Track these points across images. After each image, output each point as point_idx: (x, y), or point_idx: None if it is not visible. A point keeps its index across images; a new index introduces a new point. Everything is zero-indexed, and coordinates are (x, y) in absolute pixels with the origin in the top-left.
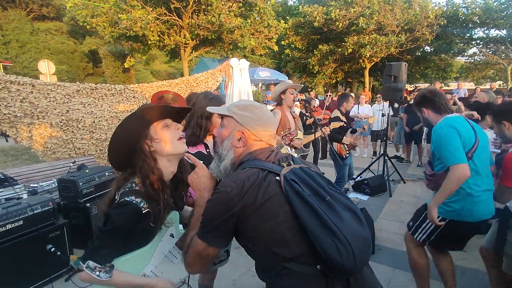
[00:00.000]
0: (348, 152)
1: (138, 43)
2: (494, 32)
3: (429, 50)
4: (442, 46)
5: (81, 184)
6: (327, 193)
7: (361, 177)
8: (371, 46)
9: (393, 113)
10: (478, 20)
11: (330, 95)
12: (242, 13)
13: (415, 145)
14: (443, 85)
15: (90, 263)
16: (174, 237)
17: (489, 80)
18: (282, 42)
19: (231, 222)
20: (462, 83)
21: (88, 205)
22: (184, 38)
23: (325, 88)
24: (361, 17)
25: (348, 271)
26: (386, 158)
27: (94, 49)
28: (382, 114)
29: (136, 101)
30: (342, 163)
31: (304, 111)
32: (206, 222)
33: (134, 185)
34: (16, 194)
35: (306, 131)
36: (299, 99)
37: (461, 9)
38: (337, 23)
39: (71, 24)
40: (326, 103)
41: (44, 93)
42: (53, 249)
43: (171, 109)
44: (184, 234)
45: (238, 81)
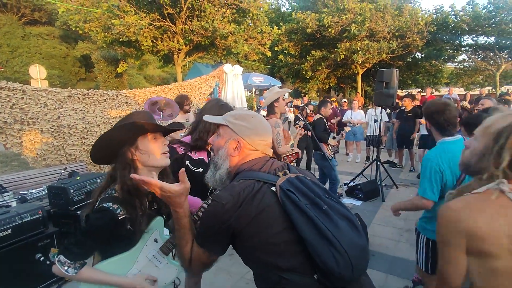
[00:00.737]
0: (333, 153)
1: (131, 48)
2: (482, 39)
3: (419, 56)
4: (433, 52)
5: (72, 191)
6: (324, 202)
7: (354, 182)
8: (363, 52)
9: (387, 118)
10: (467, 27)
11: (333, 99)
12: (236, 19)
13: (407, 150)
14: (434, 90)
15: (61, 258)
16: (158, 242)
17: (478, 85)
18: (275, 48)
19: (227, 232)
20: (452, 89)
21: (79, 213)
22: (177, 43)
23: (318, 93)
24: (353, 23)
25: (345, 280)
26: (378, 163)
27: (86, 54)
28: (375, 120)
29: (128, 106)
30: (330, 164)
31: (299, 116)
32: (203, 231)
33: (113, 191)
34: (4, 202)
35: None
36: (293, 105)
37: (450, 16)
38: (329, 30)
39: (63, 28)
40: (330, 110)
41: (34, 99)
42: (42, 258)
43: (164, 128)
44: (168, 240)
45: (232, 86)
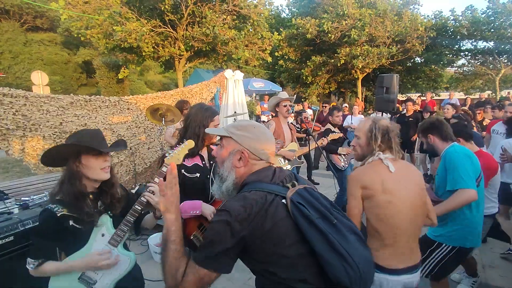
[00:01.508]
0: (346, 162)
1: (133, 55)
2: (482, 43)
3: (419, 61)
4: (432, 57)
5: None
6: (333, 215)
7: None
8: (363, 57)
9: None
10: (466, 32)
11: (326, 106)
12: (236, 25)
13: (408, 154)
14: (434, 95)
15: (28, 259)
16: (104, 236)
17: (478, 90)
18: (276, 53)
19: (238, 246)
20: (453, 93)
21: None
22: (178, 49)
23: (318, 98)
24: (353, 29)
25: None
26: None
27: (88, 60)
28: None
29: (130, 112)
30: (337, 175)
31: (295, 123)
32: (210, 249)
33: (59, 196)
34: (6, 209)
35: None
36: (296, 111)
37: (450, 21)
38: (329, 35)
39: (65, 35)
40: (324, 114)
41: (37, 105)
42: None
43: (97, 150)
44: (115, 233)
45: (233, 92)
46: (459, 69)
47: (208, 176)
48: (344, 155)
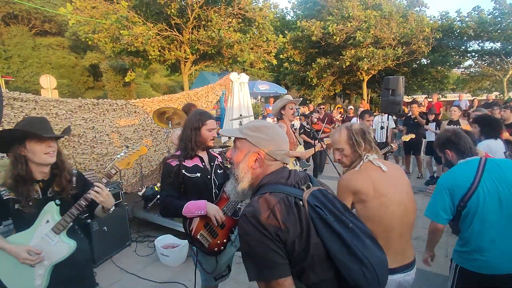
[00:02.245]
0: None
1: (139, 58)
2: (488, 44)
3: (425, 63)
4: (438, 58)
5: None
6: (348, 219)
7: None
8: (369, 59)
9: (394, 125)
10: (472, 33)
11: (323, 108)
12: (242, 28)
13: (414, 156)
14: (440, 96)
15: None
16: (49, 222)
17: (485, 91)
18: (281, 56)
19: (280, 243)
20: (463, 95)
21: (89, 221)
22: (184, 52)
23: (323, 100)
24: (358, 31)
25: None
26: None
27: (95, 63)
28: (381, 127)
29: (137, 115)
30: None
31: (305, 124)
32: (260, 259)
33: (8, 180)
34: None
35: (306, 145)
36: (300, 114)
37: (456, 22)
38: (334, 37)
39: (73, 39)
40: (320, 116)
41: (46, 109)
42: None
43: (40, 136)
44: (59, 222)
45: (238, 94)
46: (466, 70)
47: (209, 176)
48: None
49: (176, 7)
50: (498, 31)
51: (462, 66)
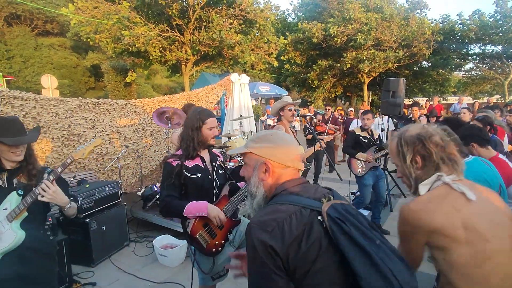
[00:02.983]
0: (365, 169)
1: (140, 59)
2: (490, 48)
3: (426, 65)
4: (439, 61)
5: (80, 199)
6: (376, 236)
7: None
8: (369, 61)
9: (394, 127)
10: (474, 36)
11: (329, 109)
12: (243, 29)
13: None
14: (441, 99)
15: None
16: (6, 210)
17: (486, 94)
18: (282, 57)
19: (281, 262)
20: (463, 98)
21: (87, 220)
22: (185, 53)
23: (324, 102)
24: (359, 33)
25: None
26: (386, 172)
27: (96, 64)
28: (381, 129)
29: (137, 115)
30: (360, 182)
31: (308, 125)
32: (259, 276)
33: None
34: None
35: (310, 145)
36: (301, 115)
37: (457, 25)
38: (335, 39)
39: (75, 39)
40: (326, 117)
41: (47, 108)
42: None
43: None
44: (13, 210)
45: (238, 95)
46: (467, 73)
47: (209, 176)
48: (363, 162)
49: (177, 8)
50: (500, 34)
51: (463, 69)
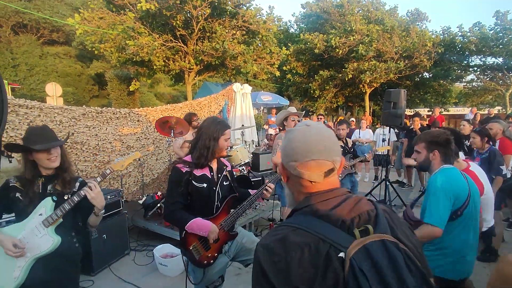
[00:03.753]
0: (341, 175)
1: (144, 68)
2: (490, 59)
3: (427, 76)
4: (440, 72)
5: None
6: None
7: None
8: (371, 72)
9: (395, 137)
10: (474, 48)
11: (321, 119)
12: (245, 40)
13: (416, 169)
14: (443, 110)
15: None
16: (42, 215)
17: (488, 105)
18: (284, 68)
19: None
20: (475, 109)
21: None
22: (188, 63)
23: (325, 112)
24: (360, 44)
25: None
26: (387, 183)
27: (100, 72)
28: (383, 139)
29: (140, 124)
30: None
31: None
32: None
33: (21, 174)
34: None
35: None
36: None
37: (457, 37)
38: (337, 50)
39: (80, 48)
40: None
41: (51, 116)
42: None
43: (29, 148)
44: (50, 215)
45: (241, 105)
46: (468, 84)
47: (214, 188)
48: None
49: (181, 19)
50: (500, 47)
51: (464, 80)
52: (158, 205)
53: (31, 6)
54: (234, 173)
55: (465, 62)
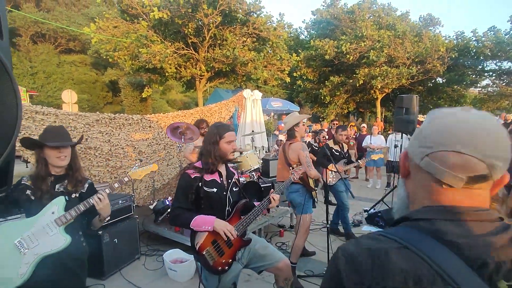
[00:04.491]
0: (334, 179)
1: (156, 75)
2: (506, 64)
3: (441, 81)
4: (454, 77)
5: None
6: None
7: (374, 209)
8: (382, 77)
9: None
10: (489, 52)
11: (336, 123)
12: (256, 47)
13: None
14: None
15: None
16: (54, 213)
17: (504, 111)
18: (294, 74)
19: None
20: (504, 114)
21: (100, 232)
22: (199, 70)
23: (336, 118)
24: (371, 50)
25: None
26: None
27: (114, 79)
28: (395, 145)
29: (152, 130)
30: (334, 190)
31: (312, 142)
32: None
33: (34, 173)
34: None
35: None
36: (313, 131)
37: (472, 42)
38: (347, 56)
39: (95, 56)
40: (333, 132)
41: (66, 122)
42: None
43: (44, 144)
44: (63, 215)
45: (251, 111)
46: (484, 89)
47: (224, 192)
48: (334, 172)
49: (193, 27)
50: None
51: (479, 85)
52: (169, 210)
53: (50, 17)
54: (244, 178)
55: (479, 67)
